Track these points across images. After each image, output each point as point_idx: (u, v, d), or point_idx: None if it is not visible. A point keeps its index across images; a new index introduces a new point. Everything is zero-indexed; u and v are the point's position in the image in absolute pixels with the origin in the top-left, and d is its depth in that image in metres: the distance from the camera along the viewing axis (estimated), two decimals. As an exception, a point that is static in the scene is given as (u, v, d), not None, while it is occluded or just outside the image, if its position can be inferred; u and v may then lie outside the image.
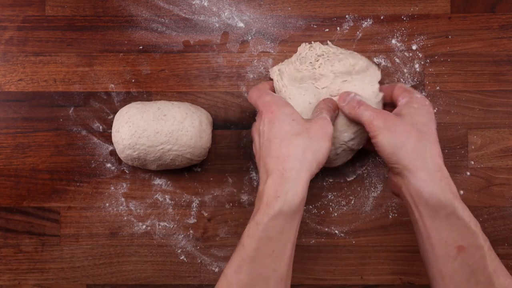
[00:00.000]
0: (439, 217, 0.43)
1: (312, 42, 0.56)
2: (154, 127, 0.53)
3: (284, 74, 0.54)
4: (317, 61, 0.53)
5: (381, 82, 0.57)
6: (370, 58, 0.59)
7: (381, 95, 0.52)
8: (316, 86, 0.53)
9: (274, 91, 0.54)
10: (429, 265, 0.45)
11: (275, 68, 0.55)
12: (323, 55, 0.54)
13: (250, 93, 0.51)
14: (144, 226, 0.59)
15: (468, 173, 0.58)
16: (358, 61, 0.53)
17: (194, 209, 0.59)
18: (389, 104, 0.53)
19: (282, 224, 0.43)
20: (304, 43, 0.56)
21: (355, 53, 0.55)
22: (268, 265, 0.42)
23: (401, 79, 0.58)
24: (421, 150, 0.44)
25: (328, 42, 0.57)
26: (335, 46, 0.56)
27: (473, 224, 0.43)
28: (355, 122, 0.51)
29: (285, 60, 0.56)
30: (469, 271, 0.42)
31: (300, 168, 0.44)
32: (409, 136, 0.45)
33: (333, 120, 0.50)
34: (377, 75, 0.54)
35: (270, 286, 0.42)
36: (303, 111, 0.52)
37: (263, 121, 0.47)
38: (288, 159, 0.44)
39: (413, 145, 0.44)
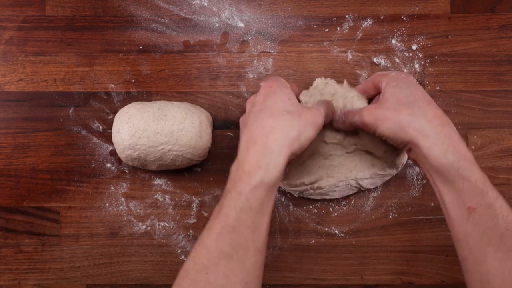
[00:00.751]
0: (446, 180, 0.44)
1: (328, 79, 0.56)
2: (154, 128, 0.53)
3: None
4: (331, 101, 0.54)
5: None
6: (370, 58, 0.59)
7: None
8: (324, 140, 0.54)
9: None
10: (449, 229, 0.45)
11: None
12: (335, 94, 0.54)
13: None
14: (144, 226, 0.59)
15: (468, 173, 0.58)
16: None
17: (194, 209, 0.59)
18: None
19: (263, 196, 0.43)
20: (320, 79, 0.56)
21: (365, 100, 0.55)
22: (247, 236, 0.42)
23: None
24: (416, 121, 0.45)
25: (345, 81, 0.56)
26: (349, 87, 0.55)
27: (481, 182, 0.43)
28: (375, 162, 0.55)
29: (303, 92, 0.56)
30: (481, 231, 0.42)
31: (283, 142, 0.44)
32: (399, 115, 0.46)
33: (328, 120, 0.50)
34: None
35: (249, 256, 0.42)
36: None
37: (260, 93, 0.48)
38: (274, 130, 0.44)
39: (407, 120, 0.45)
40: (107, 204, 0.59)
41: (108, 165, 0.59)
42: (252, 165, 0.43)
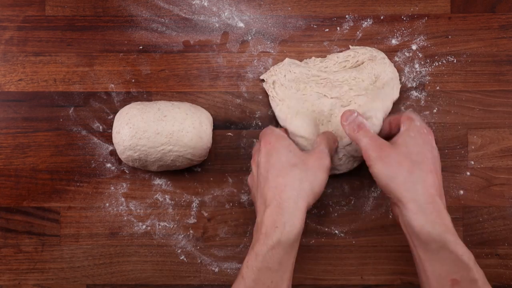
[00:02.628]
0: (431, 249, 0.43)
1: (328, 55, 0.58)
2: (155, 128, 0.53)
3: (277, 83, 0.56)
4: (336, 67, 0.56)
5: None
6: (370, 58, 0.59)
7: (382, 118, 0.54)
8: (324, 94, 0.55)
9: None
10: None
11: (270, 80, 0.57)
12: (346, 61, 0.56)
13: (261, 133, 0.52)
14: (144, 226, 0.59)
15: (468, 173, 0.58)
16: (384, 69, 0.55)
17: (194, 209, 0.59)
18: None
19: (281, 255, 0.44)
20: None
21: (385, 59, 0.56)
22: None
23: (402, 79, 0.58)
24: (412, 182, 0.44)
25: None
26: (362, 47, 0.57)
27: (466, 257, 0.43)
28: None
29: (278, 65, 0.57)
30: None
31: (297, 198, 0.45)
32: (400, 167, 0.45)
33: (333, 151, 0.51)
34: (394, 93, 0.56)
35: None
36: (304, 119, 0.54)
37: (261, 152, 0.49)
38: (286, 189, 0.45)
39: (405, 176, 0.45)
40: (107, 204, 0.59)
41: (108, 165, 0.59)
42: (269, 226, 0.44)
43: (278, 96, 0.56)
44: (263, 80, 0.58)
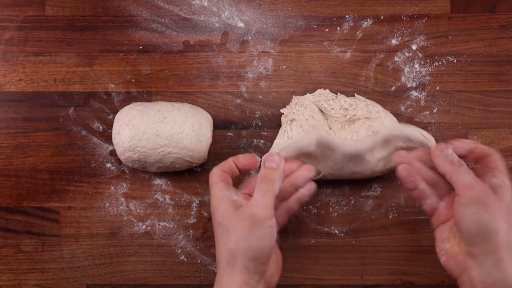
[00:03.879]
0: None
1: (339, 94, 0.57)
2: (154, 130, 0.53)
3: (296, 122, 0.55)
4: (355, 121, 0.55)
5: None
6: (370, 58, 0.59)
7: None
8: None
9: (234, 171, 0.51)
10: None
11: (290, 116, 0.55)
12: (351, 108, 0.55)
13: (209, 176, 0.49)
14: (144, 226, 0.59)
15: (468, 173, 0.58)
16: (381, 122, 0.55)
17: (194, 209, 0.59)
18: None
19: None
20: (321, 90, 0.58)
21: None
22: None
23: (402, 79, 0.58)
24: (510, 240, 0.43)
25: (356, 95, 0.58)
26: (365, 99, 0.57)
27: None
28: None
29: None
30: None
31: (232, 274, 0.44)
32: (504, 222, 0.43)
33: (279, 183, 0.46)
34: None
35: None
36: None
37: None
38: (220, 264, 0.46)
39: (506, 232, 0.43)
40: (107, 204, 0.59)
41: (108, 165, 0.59)
42: None
43: (291, 133, 0.55)
44: (282, 113, 0.57)
